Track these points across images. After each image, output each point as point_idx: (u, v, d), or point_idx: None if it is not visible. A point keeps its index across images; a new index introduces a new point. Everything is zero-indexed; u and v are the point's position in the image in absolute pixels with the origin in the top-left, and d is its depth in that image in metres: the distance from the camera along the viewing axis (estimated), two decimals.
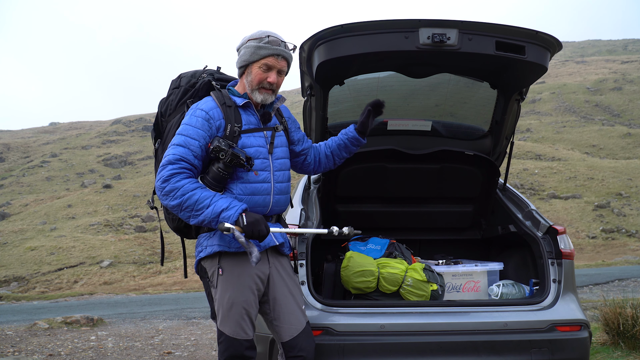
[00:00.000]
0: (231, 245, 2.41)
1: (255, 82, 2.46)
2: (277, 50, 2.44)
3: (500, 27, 2.83)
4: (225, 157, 2.31)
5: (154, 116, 2.71)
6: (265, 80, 2.46)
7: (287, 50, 2.47)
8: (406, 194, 3.87)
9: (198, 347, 5.77)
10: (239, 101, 2.48)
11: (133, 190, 34.47)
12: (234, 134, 2.41)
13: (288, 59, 2.50)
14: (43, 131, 68.65)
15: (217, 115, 2.41)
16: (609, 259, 18.93)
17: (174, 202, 2.27)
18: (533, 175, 33.20)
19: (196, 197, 2.25)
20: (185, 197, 2.25)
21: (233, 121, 2.43)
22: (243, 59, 2.47)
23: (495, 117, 3.58)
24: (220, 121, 2.41)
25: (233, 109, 2.46)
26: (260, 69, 2.45)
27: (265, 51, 2.43)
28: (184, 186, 2.27)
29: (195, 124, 2.37)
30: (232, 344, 2.39)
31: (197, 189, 2.28)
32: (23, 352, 5.47)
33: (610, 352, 4.26)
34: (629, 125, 49.03)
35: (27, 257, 22.99)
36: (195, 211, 2.26)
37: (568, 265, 3.10)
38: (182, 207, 2.26)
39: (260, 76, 2.45)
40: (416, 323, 2.81)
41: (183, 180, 2.28)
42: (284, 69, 2.50)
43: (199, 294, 12.41)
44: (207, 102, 2.46)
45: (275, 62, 2.45)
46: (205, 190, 2.29)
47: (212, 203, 2.25)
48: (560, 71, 71.88)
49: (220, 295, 2.43)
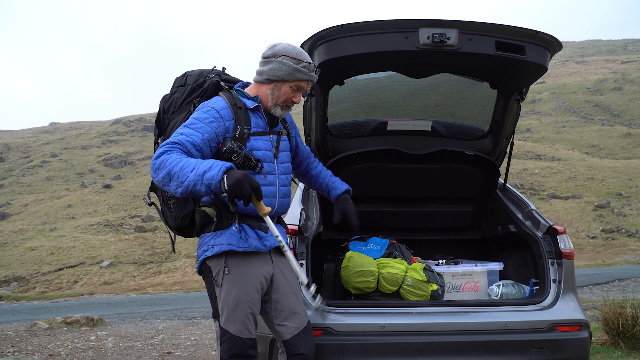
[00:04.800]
0: (239, 245, 2.41)
1: (282, 100, 2.50)
2: (312, 77, 2.49)
3: (500, 27, 2.83)
4: (237, 159, 2.31)
5: (154, 116, 2.71)
6: (290, 99, 2.51)
7: (316, 76, 2.53)
8: (406, 194, 3.87)
9: (198, 347, 5.77)
10: (250, 104, 2.49)
11: (133, 190, 34.47)
12: (243, 135, 2.42)
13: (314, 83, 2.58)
14: (43, 131, 68.65)
15: (227, 115, 2.41)
16: (609, 259, 18.93)
17: (163, 172, 2.20)
18: (533, 175, 33.20)
19: (182, 164, 2.19)
20: (172, 164, 2.19)
21: (243, 123, 2.43)
22: (276, 74, 2.46)
23: (495, 117, 3.58)
24: (230, 122, 2.41)
25: (243, 111, 2.47)
26: (290, 88, 2.49)
27: (302, 75, 2.46)
28: (172, 156, 2.22)
29: (203, 120, 2.36)
30: (236, 342, 2.39)
31: (184, 158, 2.22)
32: (23, 352, 5.47)
33: (610, 352, 4.26)
34: (629, 125, 49.03)
35: (27, 257, 22.99)
36: (181, 177, 2.17)
37: (568, 265, 3.10)
38: (170, 176, 2.19)
39: (288, 95, 2.50)
40: (416, 323, 2.81)
41: (173, 153, 2.24)
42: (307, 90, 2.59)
43: (199, 294, 12.41)
44: (218, 101, 2.45)
45: (306, 86, 2.52)
46: (192, 159, 2.23)
47: (195, 167, 2.18)
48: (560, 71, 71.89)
49: (225, 294, 2.42)
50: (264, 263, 2.49)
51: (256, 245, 2.45)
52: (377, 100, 3.61)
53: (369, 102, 3.63)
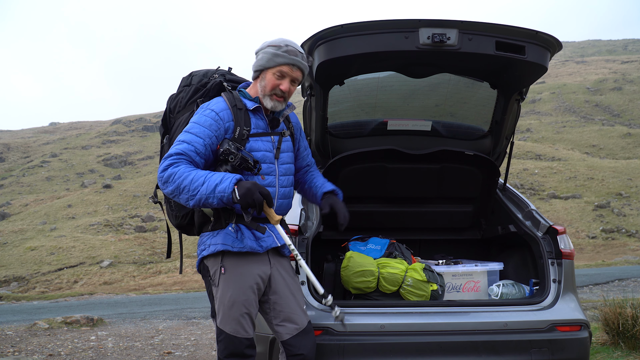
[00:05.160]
0: (234, 245, 2.43)
1: (268, 88, 2.49)
2: (294, 60, 2.47)
3: (500, 27, 2.83)
4: (234, 160, 2.34)
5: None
6: (277, 87, 2.49)
7: (303, 62, 2.51)
8: (406, 194, 3.87)
9: (198, 347, 5.78)
10: (250, 105, 2.51)
11: (133, 190, 34.48)
12: (242, 137, 2.44)
13: (303, 70, 2.54)
14: (43, 131, 68.69)
15: (227, 117, 2.43)
16: (609, 259, 18.95)
17: (172, 186, 2.28)
18: (533, 175, 33.21)
19: (191, 177, 2.26)
20: (181, 178, 2.27)
21: (242, 124, 2.45)
22: (259, 64, 2.51)
23: (495, 117, 3.58)
24: (230, 123, 2.44)
25: (243, 112, 2.48)
26: (274, 75, 2.48)
27: (281, 59, 2.46)
28: (180, 169, 2.29)
29: (203, 123, 2.40)
30: (232, 342, 2.40)
31: (192, 170, 2.29)
32: (23, 352, 5.47)
33: (610, 352, 4.26)
34: (629, 125, 49.05)
35: (27, 257, 23.01)
36: (192, 191, 2.25)
37: (568, 265, 3.10)
38: (180, 189, 2.27)
39: (273, 83, 2.49)
40: (416, 323, 2.81)
41: (181, 165, 2.31)
42: (298, 79, 2.54)
43: (199, 294, 12.41)
44: (218, 102, 2.48)
45: (289, 71, 2.49)
46: (200, 171, 2.30)
47: (206, 180, 2.25)
48: (560, 71, 71.91)
49: (221, 294, 2.44)
50: (261, 264, 2.49)
51: (251, 246, 2.45)
52: (377, 100, 3.61)
53: (369, 102, 3.63)
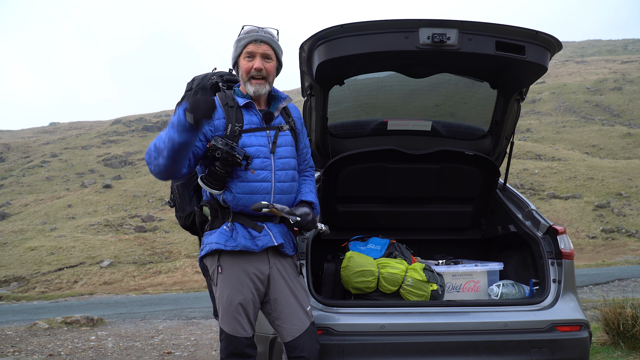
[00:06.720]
0: (227, 244, 2.44)
1: (244, 74, 2.51)
2: (254, 36, 2.49)
3: (500, 27, 2.83)
4: (220, 155, 2.35)
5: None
6: (251, 68, 2.49)
7: (264, 34, 2.51)
8: (406, 194, 3.87)
9: (198, 347, 5.77)
10: (241, 101, 2.54)
11: (133, 190, 34.49)
12: (234, 133, 2.46)
13: (270, 43, 2.52)
14: (43, 131, 68.69)
15: (216, 115, 2.46)
16: (609, 259, 18.94)
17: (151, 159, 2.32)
18: (533, 175, 33.22)
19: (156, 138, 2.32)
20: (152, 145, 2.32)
21: (234, 121, 2.47)
22: (232, 58, 2.58)
23: (495, 117, 3.58)
24: (220, 121, 2.47)
25: (235, 109, 2.51)
26: (245, 59, 2.51)
27: (243, 41, 2.51)
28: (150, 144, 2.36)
29: None
30: (231, 341, 2.43)
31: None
32: (23, 352, 5.47)
33: (610, 352, 4.26)
34: (629, 125, 49.05)
35: (27, 257, 23.01)
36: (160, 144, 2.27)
37: (568, 265, 3.10)
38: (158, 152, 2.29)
39: (246, 66, 2.50)
40: (416, 323, 2.81)
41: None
42: (268, 53, 2.52)
43: (199, 294, 12.41)
44: None
45: (255, 48, 2.49)
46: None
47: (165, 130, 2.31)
48: (560, 71, 71.91)
49: (219, 294, 2.47)
50: (258, 262, 2.49)
51: (245, 245, 2.45)
52: (377, 100, 3.61)
53: (369, 102, 3.63)
